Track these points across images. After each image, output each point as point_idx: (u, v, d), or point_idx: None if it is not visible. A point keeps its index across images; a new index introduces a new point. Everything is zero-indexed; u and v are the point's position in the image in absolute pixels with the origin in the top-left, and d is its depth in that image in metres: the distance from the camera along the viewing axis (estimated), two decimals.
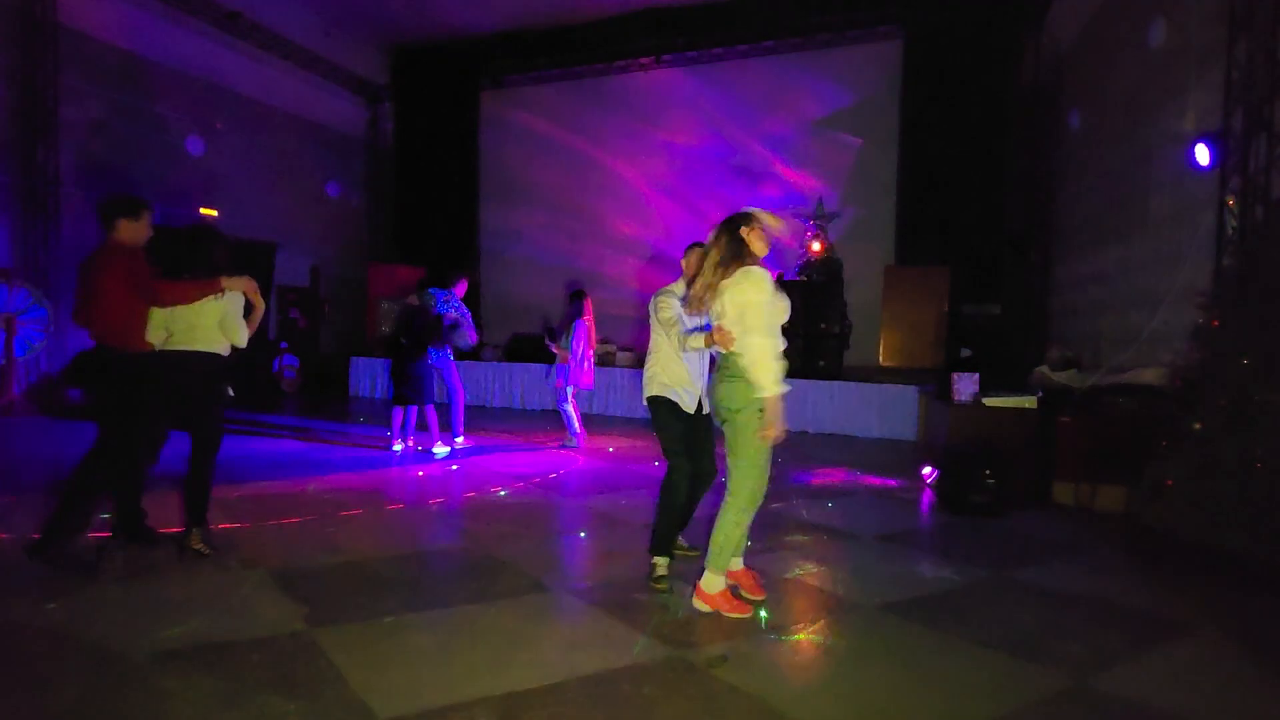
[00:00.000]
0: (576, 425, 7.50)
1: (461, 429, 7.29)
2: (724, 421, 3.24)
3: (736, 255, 3.14)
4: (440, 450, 6.82)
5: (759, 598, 3.36)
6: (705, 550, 3.28)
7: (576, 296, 7.34)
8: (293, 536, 4.25)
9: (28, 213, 9.35)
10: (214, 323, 3.82)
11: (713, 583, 3.22)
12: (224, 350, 3.91)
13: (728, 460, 3.24)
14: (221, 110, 11.79)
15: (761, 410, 3.06)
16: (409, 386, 6.65)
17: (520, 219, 14.01)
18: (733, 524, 3.21)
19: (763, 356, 3.05)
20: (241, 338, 3.94)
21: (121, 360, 3.64)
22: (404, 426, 6.84)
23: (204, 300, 3.75)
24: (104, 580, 3.44)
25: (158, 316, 3.76)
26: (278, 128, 12.91)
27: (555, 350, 7.38)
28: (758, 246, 3.16)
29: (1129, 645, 3.06)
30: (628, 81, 13.12)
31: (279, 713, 2.36)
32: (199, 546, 3.79)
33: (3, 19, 9.13)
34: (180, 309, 3.75)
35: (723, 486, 3.34)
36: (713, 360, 3.44)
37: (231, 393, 4.84)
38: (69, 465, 3.67)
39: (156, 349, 3.76)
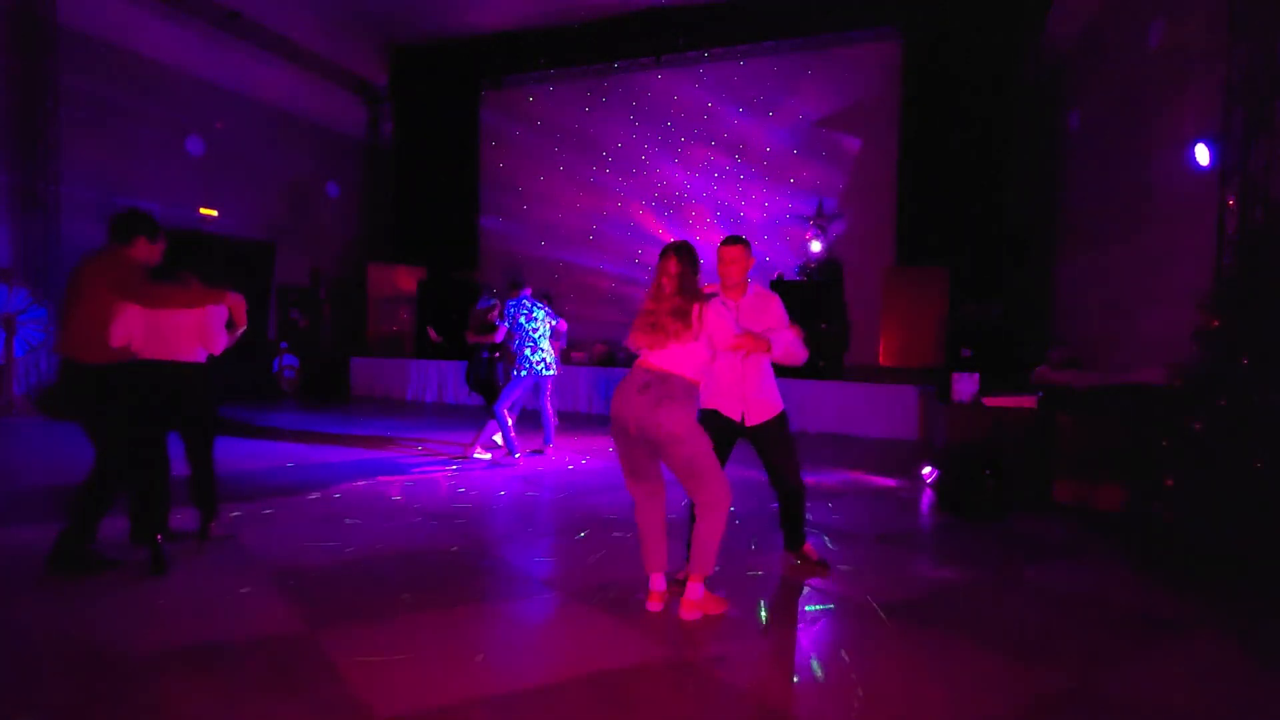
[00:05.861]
0: None
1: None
2: (654, 446, 3.07)
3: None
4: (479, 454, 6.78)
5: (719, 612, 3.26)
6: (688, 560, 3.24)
7: None
8: (293, 537, 4.25)
9: (28, 213, 9.36)
10: (192, 330, 3.88)
11: (697, 589, 3.18)
12: (200, 357, 3.96)
13: (686, 479, 3.12)
14: (221, 110, 11.80)
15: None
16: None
17: (520, 219, 14.03)
18: (719, 528, 3.14)
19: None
20: (217, 346, 4.00)
21: (86, 374, 3.47)
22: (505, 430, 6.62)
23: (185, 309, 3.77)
24: (105, 580, 3.44)
25: (128, 322, 3.60)
26: (278, 128, 12.92)
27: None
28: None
29: (1129, 645, 3.06)
30: (628, 81, 13.13)
31: (279, 713, 2.36)
32: (217, 533, 3.98)
33: (2, 19, 9.13)
34: (160, 316, 3.76)
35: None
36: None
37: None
38: (67, 466, 3.66)
39: (121, 361, 3.61)
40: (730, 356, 3.46)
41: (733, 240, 3.60)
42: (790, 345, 3.39)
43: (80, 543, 3.54)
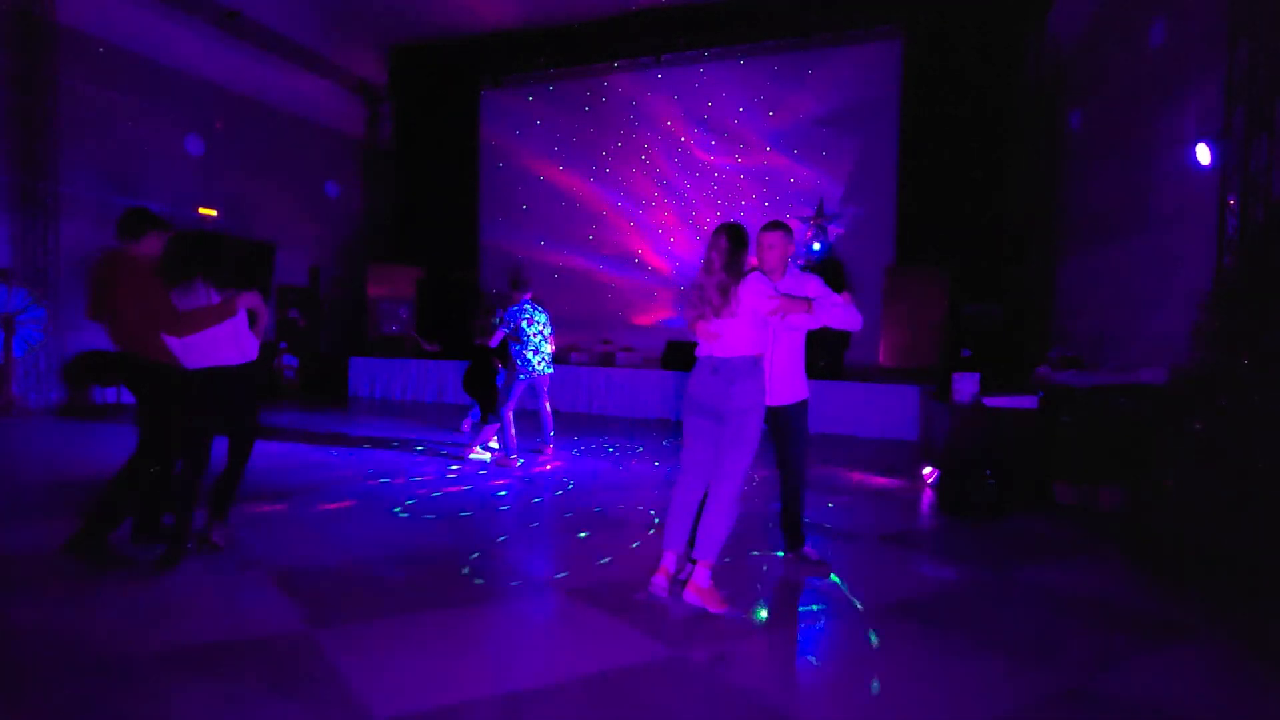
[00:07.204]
0: None
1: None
2: (723, 418, 3.31)
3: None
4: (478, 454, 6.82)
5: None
6: (695, 543, 3.36)
7: None
8: (293, 537, 4.25)
9: (27, 213, 9.34)
10: (227, 338, 3.94)
11: (705, 575, 3.26)
12: (237, 360, 4.01)
13: (728, 448, 3.31)
14: (221, 110, 11.79)
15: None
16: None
17: (520, 219, 14.02)
18: (731, 512, 3.29)
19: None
20: (253, 351, 4.05)
21: (154, 370, 3.63)
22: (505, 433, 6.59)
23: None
24: (105, 580, 3.44)
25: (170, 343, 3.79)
26: (278, 128, 12.91)
27: None
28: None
29: (1129, 645, 3.06)
30: (628, 81, 13.12)
31: (279, 713, 2.36)
32: (216, 540, 3.91)
33: (2, 19, 9.13)
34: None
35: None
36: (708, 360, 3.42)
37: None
38: (67, 466, 3.66)
39: (179, 364, 3.77)
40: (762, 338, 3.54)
41: (773, 225, 3.69)
42: (837, 308, 3.52)
43: (103, 533, 3.56)
